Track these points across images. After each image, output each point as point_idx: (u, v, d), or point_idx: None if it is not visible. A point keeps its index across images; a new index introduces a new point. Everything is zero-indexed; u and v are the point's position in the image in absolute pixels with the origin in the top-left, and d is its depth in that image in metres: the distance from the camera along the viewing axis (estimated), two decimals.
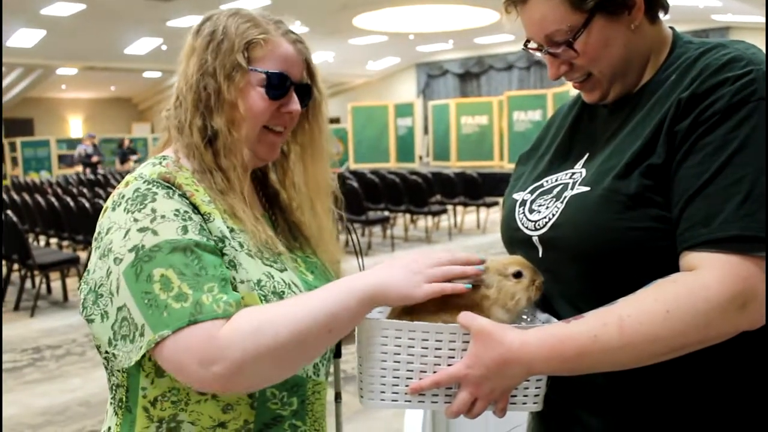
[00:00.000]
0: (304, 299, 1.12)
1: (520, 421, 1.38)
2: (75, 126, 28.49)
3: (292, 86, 1.27)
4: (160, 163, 1.23)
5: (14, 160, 21.22)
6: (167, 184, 1.17)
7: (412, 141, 20.20)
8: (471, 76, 25.78)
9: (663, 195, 1.12)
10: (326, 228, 1.38)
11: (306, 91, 1.30)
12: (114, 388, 1.22)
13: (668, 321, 1.02)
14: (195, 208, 1.17)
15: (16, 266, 8.06)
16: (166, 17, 16.79)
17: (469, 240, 10.99)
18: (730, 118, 1.07)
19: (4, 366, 5.59)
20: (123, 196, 1.16)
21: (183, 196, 1.17)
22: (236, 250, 1.18)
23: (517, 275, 1.18)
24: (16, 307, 7.50)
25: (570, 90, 18.13)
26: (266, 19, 1.27)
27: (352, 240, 1.47)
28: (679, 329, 1.02)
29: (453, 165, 18.63)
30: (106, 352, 1.19)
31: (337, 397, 1.37)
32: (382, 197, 11.23)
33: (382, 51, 24.03)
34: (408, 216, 11.92)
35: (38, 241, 10.33)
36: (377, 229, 11.41)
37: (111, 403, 1.24)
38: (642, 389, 1.15)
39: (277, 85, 1.24)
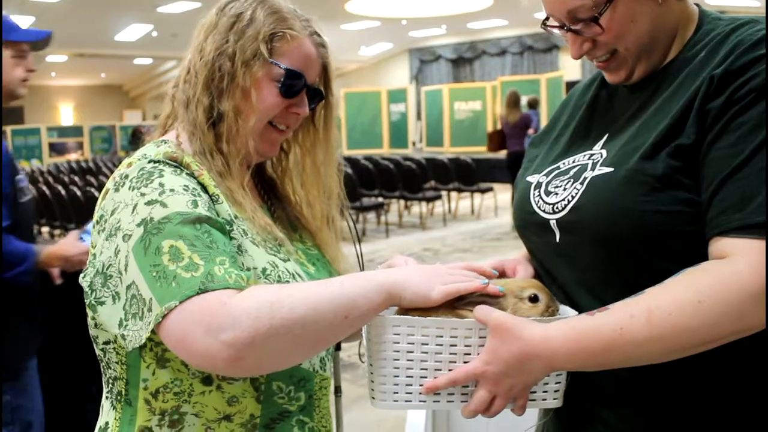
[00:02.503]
0: (323, 282, 1.06)
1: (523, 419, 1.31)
2: (66, 114, 28.33)
3: (306, 88, 1.23)
4: (164, 143, 1.19)
5: None
6: (174, 163, 1.13)
7: (406, 127, 20.13)
8: (464, 61, 25.64)
9: (692, 177, 1.05)
10: (325, 231, 1.34)
11: (316, 95, 1.27)
12: (111, 381, 1.17)
13: (700, 312, 0.96)
14: (203, 188, 1.13)
15: None
16: (157, 3, 16.64)
17: (464, 226, 10.94)
18: (766, 96, 1.01)
19: None
20: (127, 176, 1.11)
21: (191, 175, 1.13)
22: (242, 236, 1.14)
23: (534, 299, 1.12)
24: None
25: (564, 75, 18.13)
26: (295, 15, 1.24)
27: (350, 228, 1.42)
28: (712, 320, 0.96)
29: (446, 151, 18.57)
30: (105, 343, 1.14)
31: (337, 390, 1.32)
32: (376, 183, 11.17)
33: (375, 36, 23.90)
34: (402, 202, 11.86)
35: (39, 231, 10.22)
36: (371, 216, 11.37)
37: (107, 397, 1.19)
38: (668, 383, 1.09)
39: (293, 84, 1.21)
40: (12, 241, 2.33)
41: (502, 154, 11.04)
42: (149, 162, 1.12)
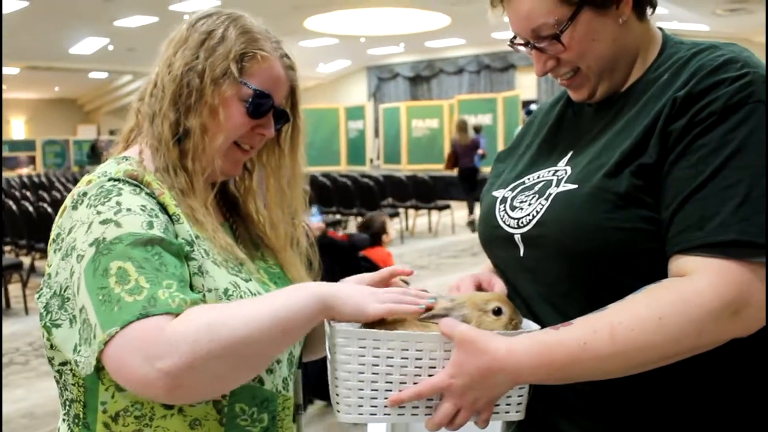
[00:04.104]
0: (259, 299, 1.06)
1: None
2: (17, 127, 27.78)
3: (273, 109, 1.23)
4: (125, 160, 1.17)
5: None
6: (134, 182, 1.11)
7: (363, 144, 20.18)
8: (422, 79, 25.82)
9: (653, 196, 1.08)
10: (288, 252, 1.34)
11: (282, 116, 1.27)
12: (68, 403, 1.14)
13: (661, 328, 0.98)
14: (163, 208, 1.12)
15: None
16: (113, 17, 16.44)
17: (421, 243, 10.97)
18: (727, 119, 1.04)
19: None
20: (85, 194, 1.09)
21: (151, 195, 1.12)
22: (203, 257, 1.12)
23: (497, 312, 1.13)
24: None
25: (520, 94, 18.37)
26: (266, 36, 1.23)
27: (308, 247, 1.40)
28: (672, 337, 0.98)
29: (404, 168, 18.64)
30: (61, 364, 1.12)
31: (298, 408, 1.30)
32: (333, 200, 11.15)
33: (333, 53, 23.92)
34: (359, 219, 11.85)
35: None
36: None
37: (64, 419, 1.15)
38: (629, 396, 1.10)
39: (260, 105, 1.20)
40: None
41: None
42: (109, 180, 1.10)
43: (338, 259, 3.82)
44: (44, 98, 28.42)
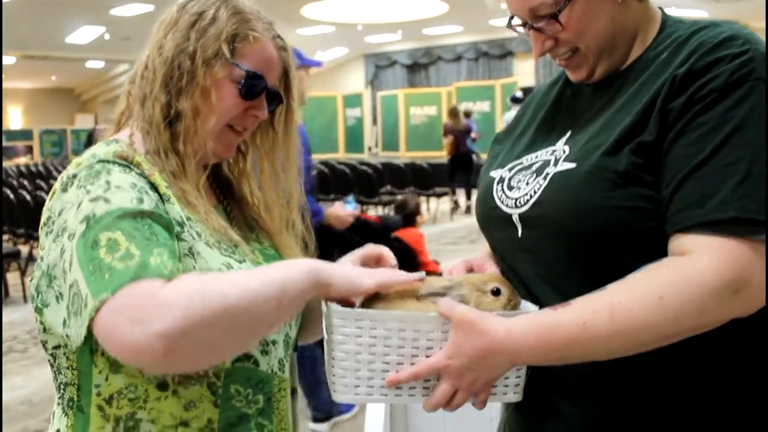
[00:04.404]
0: (253, 271, 1.04)
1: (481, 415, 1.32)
2: (14, 117, 27.70)
3: (266, 90, 1.21)
4: (115, 142, 1.16)
5: None
6: (124, 162, 1.10)
7: (361, 131, 20.17)
8: (419, 66, 25.75)
9: (653, 174, 1.07)
10: (284, 235, 1.33)
11: (275, 98, 1.25)
12: (62, 387, 1.13)
13: (661, 308, 0.97)
14: (153, 188, 1.10)
15: None
16: (109, 5, 16.37)
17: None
18: (727, 96, 1.03)
19: None
20: (75, 176, 1.08)
21: (141, 175, 1.10)
22: (194, 239, 1.11)
23: (496, 292, 1.12)
24: None
25: (518, 81, 18.33)
26: (258, 17, 1.22)
27: (307, 235, 1.40)
28: (673, 316, 0.97)
29: (402, 155, 18.63)
30: (54, 347, 1.11)
31: (293, 392, 1.29)
32: (331, 188, 11.14)
33: (330, 41, 23.86)
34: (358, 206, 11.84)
35: None
36: None
37: (59, 403, 1.15)
38: (628, 377, 1.10)
39: (253, 87, 1.19)
40: (312, 200, 3.44)
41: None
42: (98, 161, 1.09)
43: (371, 241, 3.97)
44: (41, 88, 28.33)
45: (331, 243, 3.69)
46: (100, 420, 1.09)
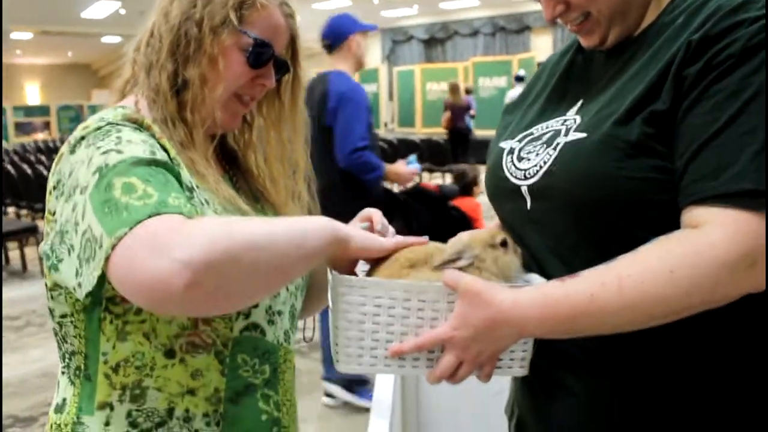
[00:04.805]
0: (273, 219, 1.02)
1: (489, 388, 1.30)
2: (32, 93, 27.82)
3: (273, 59, 1.19)
4: (123, 108, 1.14)
5: None
6: (134, 124, 1.09)
7: (378, 107, 20.06)
8: (436, 41, 25.55)
9: (666, 144, 1.03)
10: (290, 206, 1.31)
11: (282, 66, 1.23)
12: (68, 356, 1.13)
13: (672, 281, 0.94)
14: (164, 150, 1.09)
15: None
16: None
17: None
18: (745, 62, 0.98)
19: None
20: (83, 137, 1.06)
21: (152, 136, 1.09)
22: (202, 205, 1.10)
23: (504, 244, 1.11)
24: None
25: (536, 56, 18.14)
26: None
27: (309, 201, 1.38)
28: (684, 290, 0.94)
29: (418, 131, 18.55)
30: (62, 316, 1.11)
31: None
32: None
33: None
34: None
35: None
36: None
37: (64, 372, 1.15)
38: (635, 352, 1.08)
39: (261, 55, 1.17)
40: (372, 155, 3.55)
41: (474, 134, 12.16)
42: (107, 123, 1.07)
43: (430, 208, 4.03)
44: (58, 63, 28.41)
45: (393, 209, 3.72)
46: (107, 388, 1.09)
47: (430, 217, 3.95)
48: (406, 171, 3.84)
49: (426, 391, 2.30)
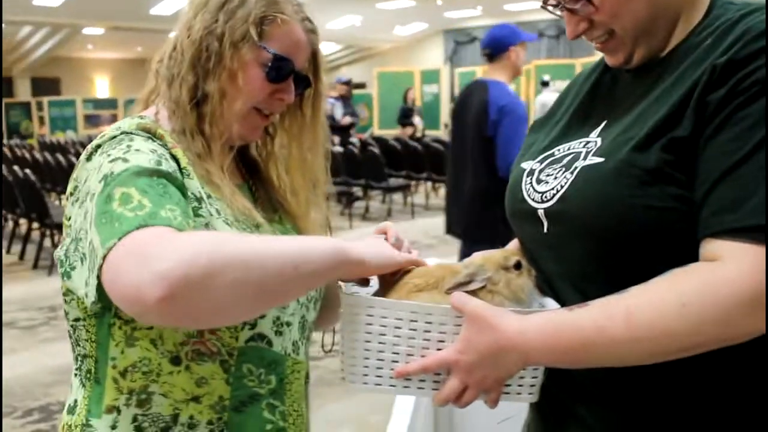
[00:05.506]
0: (273, 236, 1.03)
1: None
2: (101, 86, 28.57)
3: (293, 74, 1.21)
4: (141, 118, 1.18)
5: (41, 120, 21.35)
6: (147, 135, 1.11)
7: (438, 108, 19.99)
8: None
9: (685, 172, 0.99)
10: (309, 219, 1.32)
11: (303, 81, 1.24)
12: (80, 358, 1.16)
13: (683, 316, 0.90)
14: (175, 160, 1.11)
15: (35, 225, 8.07)
16: None
17: None
18: None
19: (22, 324, 5.63)
20: (99, 146, 1.10)
21: (164, 146, 1.11)
22: (212, 215, 1.11)
23: (518, 266, 1.10)
24: (35, 266, 7.56)
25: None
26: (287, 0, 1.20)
27: (328, 215, 1.39)
28: (695, 326, 0.90)
29: None
30: (75, 319, 1.14)
31: (306, 377, 1.29)
32: (403, 164, 11.12)
33: (410, 16, 23.70)
34: (429, 184, 11.80)
35: (60, 200, 10.36)
36: (398, 197, 11.32)
37: (76, 374, 1.18)
38: (646, 384, 1.04)
39: (280, 70, 1.18)
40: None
41: None
42: (122, 132, 1.11)
43: None
44: (127, 58, 29.09)
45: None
46: (115, 392, 1.11)
47: None
48: None
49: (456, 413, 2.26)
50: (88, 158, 1.10)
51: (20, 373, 4.60)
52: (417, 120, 15.23)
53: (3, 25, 16.82)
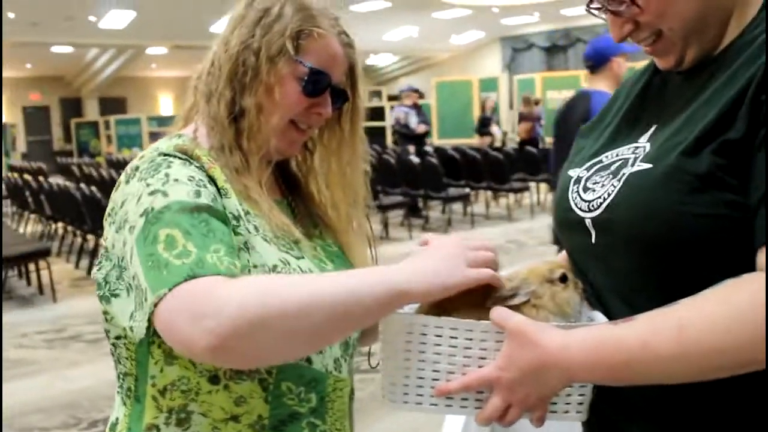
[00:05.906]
0: (328, 275, 1.01)
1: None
2: (165, 104, 29.22)
3: (329, 88, 1.19)
4: (179, 137, 1.18)
5: (109, 138, 21.97)
6: (184, 156, 1.11)
7: (498, 117, 19.85)
8: (558, 49, 25.07)
9: (739, 177, 0.93)
10: (350, 234, 1.30)
11: (341, 95, 1.23)
12: (122, 376, 1.16)
13: (733, 331, 0.85)
14: (212, 181, 1.11)
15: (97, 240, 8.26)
16: None
17: (551, 218, 10.70)
18: None
19: (87, 337, 5.76)
20: (137, 168, 1.10)
21: (201, 168, 1.11)
22: (250, 233, 1.10)
23: (563, 279, 1.05)
24: None
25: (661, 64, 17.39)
26: (323, 13, 1.20)
27: (369, 229, 1.36)
28: (747, 342, 0.84)
29: None
30: (116, 337, 1.14)
31: (351, 393, 1.26)
32: (462, 173, 11.05)
33: (466, 25, 23.63)
34: (489, 193, 11.70)
35: None
36: (457, 206, 11.25)
37: (118, 392, 1.18)
38: (701, 405, 0.99)
39: (317, 83, 1.17)
40: None
41: None
42: (159, 154, 1.11)
43: None
44: (189, 75, 29.66)
45: None
46: (155, 410, 1.11)
47: None
48: None
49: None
50: (127, 181, 1.10)
51: (86, 386, 4.70)
52: (495, 129, 15.34)
53: (72, 48, 17.26)
